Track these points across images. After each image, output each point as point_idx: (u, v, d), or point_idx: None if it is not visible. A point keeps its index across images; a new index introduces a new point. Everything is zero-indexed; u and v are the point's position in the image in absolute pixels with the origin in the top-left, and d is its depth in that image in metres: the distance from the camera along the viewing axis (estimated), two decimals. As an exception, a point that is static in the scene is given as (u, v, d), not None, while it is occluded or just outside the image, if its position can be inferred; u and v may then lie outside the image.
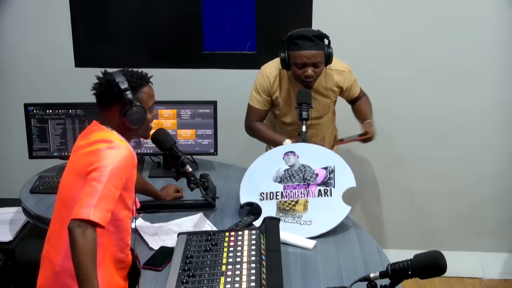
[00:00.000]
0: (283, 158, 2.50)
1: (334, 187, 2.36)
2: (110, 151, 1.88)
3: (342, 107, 3.01)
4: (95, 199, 1.75)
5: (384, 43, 3.38)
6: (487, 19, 3.32)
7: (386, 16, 3.35)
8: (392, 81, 3.42)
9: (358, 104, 2.94)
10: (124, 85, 1.95)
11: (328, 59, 2.65)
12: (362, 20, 3.35)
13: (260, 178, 2.48)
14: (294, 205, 2.35)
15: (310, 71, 2.61)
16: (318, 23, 3.35)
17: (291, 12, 3.39)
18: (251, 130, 2.92)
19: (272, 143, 2.80)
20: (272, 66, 2.82)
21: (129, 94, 1.95)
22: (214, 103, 2.97)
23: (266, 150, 3.00)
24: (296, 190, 2.39)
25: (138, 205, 2.20)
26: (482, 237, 3.67)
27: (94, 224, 1.73)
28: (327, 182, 2.38)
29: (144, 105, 2.01)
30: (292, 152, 2.51)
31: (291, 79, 2.76)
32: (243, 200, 2.45)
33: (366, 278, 1.59)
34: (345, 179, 2.38)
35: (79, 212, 1.73)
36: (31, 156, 2.94)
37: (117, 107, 1.98)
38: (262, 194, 2.42)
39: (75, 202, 1.80)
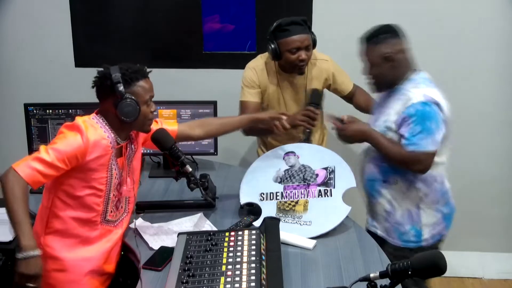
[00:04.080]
0: (283, 158, 2.50)
1: (334, 187, 2.36)
2: (64, 129, 1.98)
3: (335, 105, 3.00)
4: (31, 159, 1.89)
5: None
6: (487, 19, 3.32)
7: (386, 17, 3.32)
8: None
9: (357, 98, 2.94)
10: (117, 78, 1.99)
11: (314, 44, 2.73)
12: (362, 21, 3.33)
13: (260, 178, 2.48)
14: (294, 206, 2.36)
15: (304, 54, 2.68)
16: (318, 23, 3.35)
17: (291, 13, 3.37)
18: None
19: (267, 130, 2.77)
20: (257, 61, 2.88)
21: (120, 87, 1.99)
22: (214, 103, 2.97)
23: (258, 154, 2.99)
24: (296, 191, 2.39)
25: (129, 186, 2.22)
26: (482, 237, 3.67)
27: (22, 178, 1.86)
28: (327, 183, 2.38)
29: (138, 99, 2.03)
30: (292, 152, 2.51)
31: (279, 71, 2.80)
32: (243, 200, 2.45)
33: (366, 278, 1.59)
34: (345, 179, 2.38)
35: (16, 163, 1.88)
36: (31, 156, 2.94)
37: (111, 99, 2.02)
38: (262, 195, 2.42)
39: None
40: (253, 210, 2.44)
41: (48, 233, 2.06)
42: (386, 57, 2.32)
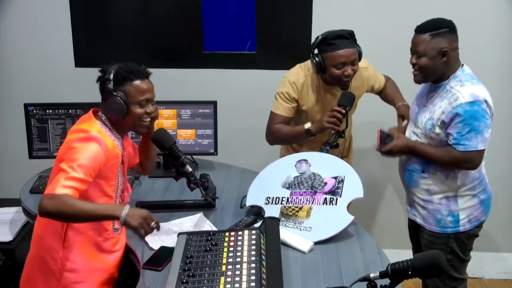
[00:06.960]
0: (295, 166, 2.49)
1: (340, 196, 2.32)
2: (81, 143, 1.94)
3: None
4: (63, 179, 1.85)
5: (384, 43, 3.38)
6: (487, 19, 3.32)
7: (386, 16, 3.35)
8: (392, 81, 3.42)
9: (384, 90, 2.90)
10: (108, 75, 1.99)
11: (360, 57, 2.64)
12: (362, 21, 3.35)
13: (269, 183, 2.47)
14: (297, 211, 2.33)
15: (349, 70, 2.58)
16: (318, 23, 3.36)
17: (291, 12, 3.39)
18: (271, 133, 2.76)
19: (296, 136, 2.73)
20: (298, 74, 2.73)
21: (109, 84, 1.98)
22: (214, 103, 2.97)
23: (281, 156, 2.94)
24: (302, 197, 2.37)
25: (130, 191, 2.27)
26: (482, 237, 3.66)
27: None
28: (334, 191, 2.34)
29: (129, 99, 2.01)
30: (305, 160, 2.50)
31: (321, 84, 2.71)
32: (249, 202, 2.44)
33: (366, 278, 1.59)
34: (353, 189, 2.33)
35: (47, 189, 1.86)
36: (31, 156, 2.94)
37: (104, 97, 2.03)
38: (268, 199, 2.41)
39: None
40: (255, 211, 2.44)
41: (66, 247, 2.02)
42: (442, 52, 2.29)
